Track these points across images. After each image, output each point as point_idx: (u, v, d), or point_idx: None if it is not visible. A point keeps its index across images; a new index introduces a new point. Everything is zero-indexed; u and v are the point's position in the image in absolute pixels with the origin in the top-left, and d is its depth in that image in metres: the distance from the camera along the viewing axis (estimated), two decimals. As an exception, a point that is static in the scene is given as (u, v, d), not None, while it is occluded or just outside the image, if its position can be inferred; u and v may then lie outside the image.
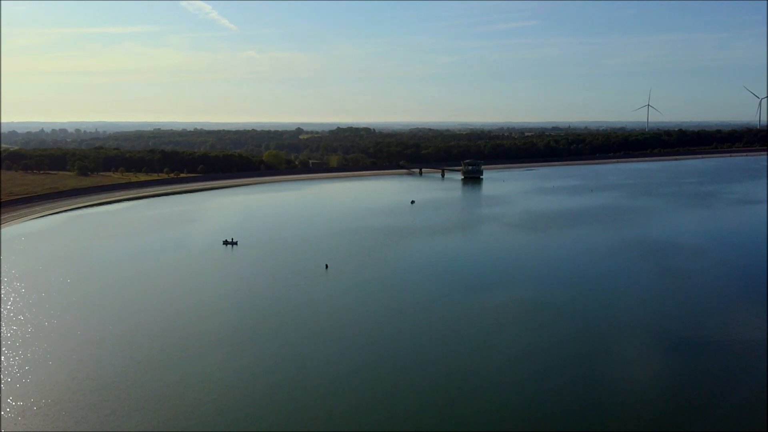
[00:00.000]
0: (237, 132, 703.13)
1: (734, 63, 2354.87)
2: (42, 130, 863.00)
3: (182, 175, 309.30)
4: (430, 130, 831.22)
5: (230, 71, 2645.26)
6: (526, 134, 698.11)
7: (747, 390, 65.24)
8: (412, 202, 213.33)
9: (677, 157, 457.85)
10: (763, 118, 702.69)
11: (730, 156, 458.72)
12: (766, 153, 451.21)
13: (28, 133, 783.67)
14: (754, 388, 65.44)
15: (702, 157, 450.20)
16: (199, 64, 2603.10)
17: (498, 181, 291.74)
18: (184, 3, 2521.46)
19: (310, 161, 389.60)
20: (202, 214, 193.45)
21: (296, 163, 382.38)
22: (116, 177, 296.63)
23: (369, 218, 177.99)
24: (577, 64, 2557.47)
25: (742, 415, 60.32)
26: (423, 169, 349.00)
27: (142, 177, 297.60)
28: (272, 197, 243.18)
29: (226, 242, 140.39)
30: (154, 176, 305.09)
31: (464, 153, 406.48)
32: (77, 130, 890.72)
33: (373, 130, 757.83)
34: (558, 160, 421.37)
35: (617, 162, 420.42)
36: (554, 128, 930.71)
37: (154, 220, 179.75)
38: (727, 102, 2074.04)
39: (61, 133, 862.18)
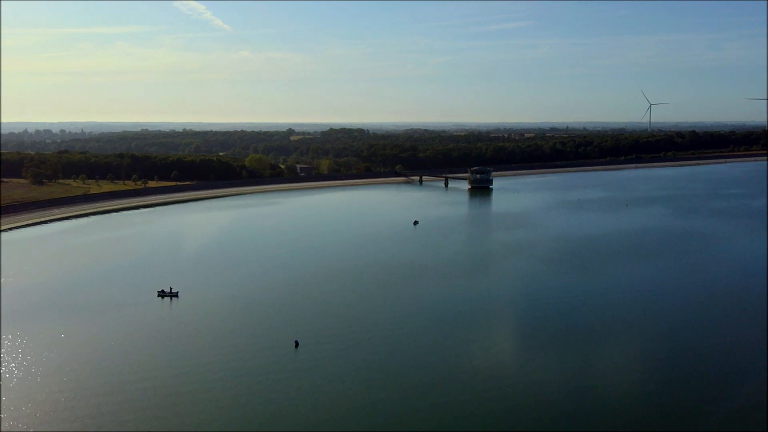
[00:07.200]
0: (225, 133, 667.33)
1: (726, 63, 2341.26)
2: (25, 131, 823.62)
3: (150, 183, 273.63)
4: (425, 131, 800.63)
5: (223, 71, 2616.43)
6: (526, 135, 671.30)
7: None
8: (415, 223, 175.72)
9: (697, 162, 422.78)
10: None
11: (754, 160, 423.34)
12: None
13: (11, 133, 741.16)
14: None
15: (722, 162, 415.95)
16: (193, 64, 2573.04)
17: (511, 192, 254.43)
18: (177, 3, 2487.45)
19: (299, 166, 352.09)
20: (150, 241, 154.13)
21: (282, 167, 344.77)
22: (75, 186, 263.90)
23: (361, 249, 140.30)
24: (570, 64, 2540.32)
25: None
26: (423, 177, 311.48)
27: (105, 186, 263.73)
28: (246, 215, 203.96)
29: (162, 293, 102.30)
30: (120, 185, 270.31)
31: (465, 157, 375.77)
32: (62, 131, 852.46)
33: (367, 131, 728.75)
34: (567, 165, 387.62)
35: (635, 167, 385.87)
36: (552, 129, 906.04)
37: (86, 250, 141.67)
38: (721, 102, 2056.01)
39: (45, 133, 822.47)
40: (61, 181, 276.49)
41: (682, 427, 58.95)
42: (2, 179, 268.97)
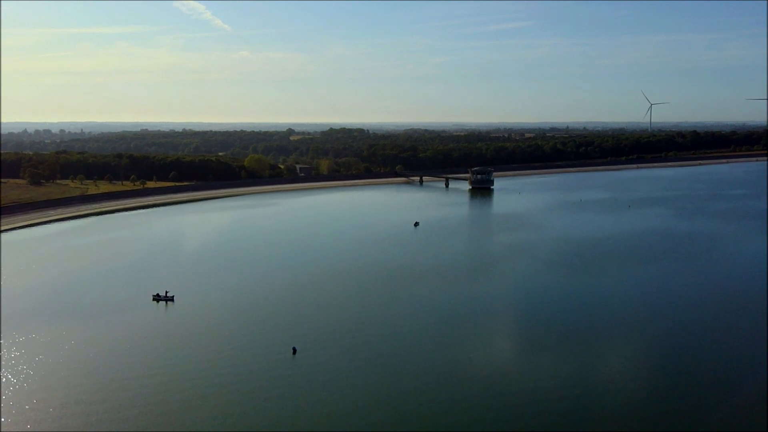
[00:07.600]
0: (225, 133, 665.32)
1: (726, 63, 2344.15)
2: (25, 131, 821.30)
3: (149, 183, 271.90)
4: (425, 131, 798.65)
5: (223, 71, 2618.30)
6: (527, 135, 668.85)
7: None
8: (416, 224, 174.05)
9: (698, 162, 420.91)
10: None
11: (755, 160, 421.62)
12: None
13: (10, 134, 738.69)
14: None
15: (724, 162, 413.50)
16: (192, 64, 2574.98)
17: (512, 193, 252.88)
18: (177, 3, 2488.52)
19: (298, 166, 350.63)
20: (148, 243, 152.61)
21: (282, 167, 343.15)
22: (72, 186, 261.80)
23: (360, 251, 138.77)
24: (570, 64, 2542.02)
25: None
26: (423, 177, 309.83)
27: (103, 187, 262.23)
28: (244, 216, 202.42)
29: (157, 297, 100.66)
30: (118, 185, 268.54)
31: (465, 157, 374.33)
32: (61, 131, 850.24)
33: (367, 131, 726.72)
34: (568, 166, 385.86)
35: (636, 168, 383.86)
36: (552, 129, 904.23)
37: (83, 252, 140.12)
38: (721, 102, 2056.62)
39: (44, 134, 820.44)
40: (59, 181, 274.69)
41: (682, 427, 58.74)
42: (0, 180, 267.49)
